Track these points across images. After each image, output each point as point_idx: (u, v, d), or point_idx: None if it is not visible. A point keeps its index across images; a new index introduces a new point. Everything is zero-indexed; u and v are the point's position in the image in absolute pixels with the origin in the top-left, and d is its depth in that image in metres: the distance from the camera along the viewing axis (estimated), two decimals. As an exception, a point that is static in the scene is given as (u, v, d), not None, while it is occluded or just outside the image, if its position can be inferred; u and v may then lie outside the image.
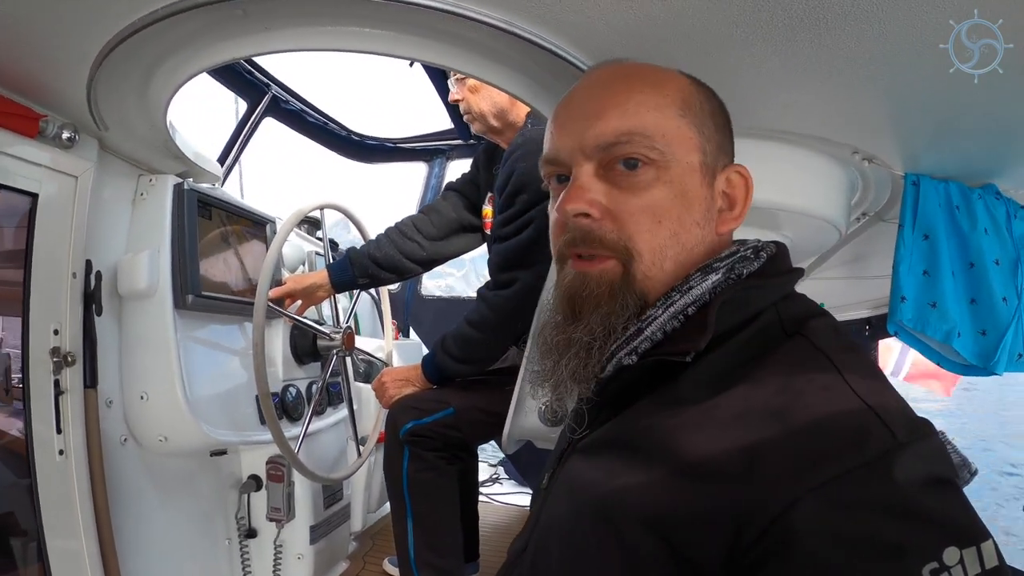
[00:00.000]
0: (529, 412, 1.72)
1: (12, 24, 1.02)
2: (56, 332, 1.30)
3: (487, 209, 1.96)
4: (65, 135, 1.30)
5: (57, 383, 1.29)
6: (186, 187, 1.60)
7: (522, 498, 3.15)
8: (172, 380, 1.50)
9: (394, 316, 2.98)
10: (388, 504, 2.74)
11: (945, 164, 1.51)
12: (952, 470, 0.50)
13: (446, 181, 3.41)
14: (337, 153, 3.12)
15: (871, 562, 0.44)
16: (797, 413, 0.51)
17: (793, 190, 1.40)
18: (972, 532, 0.46)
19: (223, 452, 1.80)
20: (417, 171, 3.46)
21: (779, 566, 0.46)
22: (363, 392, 2.36)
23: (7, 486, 1.28)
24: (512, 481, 3.46)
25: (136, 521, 1.52)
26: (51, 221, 1.29)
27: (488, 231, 1.96)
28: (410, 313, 3.45)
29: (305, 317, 1.96)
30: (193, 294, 1.56)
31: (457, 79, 1.82)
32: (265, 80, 2.46)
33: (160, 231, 1.56)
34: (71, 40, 1.07)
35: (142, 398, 1.51)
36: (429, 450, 1.73)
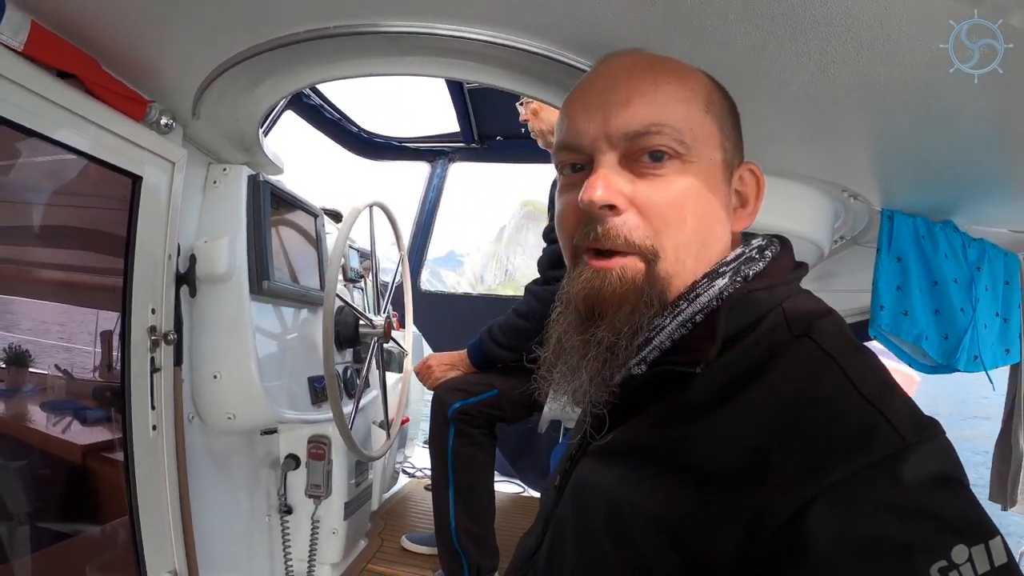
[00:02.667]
0: (563, 395, 1.78)
1: (144, 18, 1.02)
2: (153, 311, 1.28)
3: None
4: (163, 121, 1.27)
5: (152, 360, 1.26)
6: (262, 179, 1.58)
7: (508, 487, 3.20)
8: (247, 361, 1.48)
9: (394, 308, 2.98)
10: (394, 486, 2.79)
11: (914, 202, 1.68)
12: (959, 469, 0.48)
13: (447, 183, 3.43)
14: (347, 149, 3.09)
15: (880, 562, 0.43)
16: (804, 417, 0.50)
17: (789, 216, 1.53)
18: (980, 529, 0.44)
19: (273, 431, 1.78)
20: (411, 172, 3.44)
21: (790, 569, 0.45)
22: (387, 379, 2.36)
23: (102, 461, 1.25)
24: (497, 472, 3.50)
25: (199, 498, 1.49)
26: (152, 204, 1.26)
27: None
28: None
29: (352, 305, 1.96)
30: (268, 280, 1.54)
31: (523, 103, 1.93)
32: (294, 75, 2.42)
33: (236, 219, 1.53)
34: (202, 43, 1.09)
35: (215, 377, 1.49)
36: (474, 427, 1.78)
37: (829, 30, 0.86)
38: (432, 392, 1.91)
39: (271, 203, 1.63)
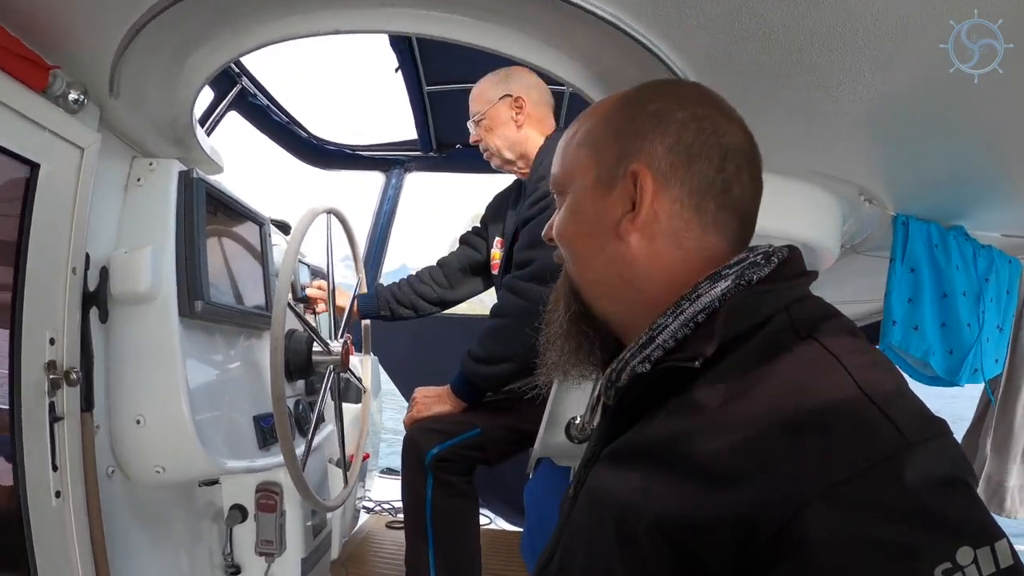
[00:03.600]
0: (558, 429, 1.55)
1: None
2: (52, 342, 0.96)
3: (495, 252, 1.89)
4: (72, 96, 0.98)
5: (52, 406, 0.95)
6: (195, 176, 1.28)
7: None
8: (176, 401, 1.18)
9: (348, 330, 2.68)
10: (352, 528, 2.47)
11: (927, 207, 1.62)
12: (964, 469, 0.47)
13: (402, 193, 3.16)
14: (295, 156, 2.78)
15: (882, 564, 0.41)
16: (806, 416, 0.48)
17: (798, 221, 1.43)
18: (985, 531, 0.43)
19: (215, 481, 1.46)
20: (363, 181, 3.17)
21: (788, 570, 0.43)
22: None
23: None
24: None
25: (125, 563, 1.17)
26: (53, 201, 0.96)
27: (495, 272, 1.89)
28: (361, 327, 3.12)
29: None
30: (203, 300, 1.24)
31: (475, 121, 1.77)
32: (237, 71, 2.12)
33: (163, 224, 1.23)
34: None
35: (137, 422, 1.17)
36: (455, 474, 1.50)
37: (835, 37, 0.86)
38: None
39: (208, 207, 1.33)
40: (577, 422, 1.56)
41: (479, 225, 2.03)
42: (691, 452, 0.52)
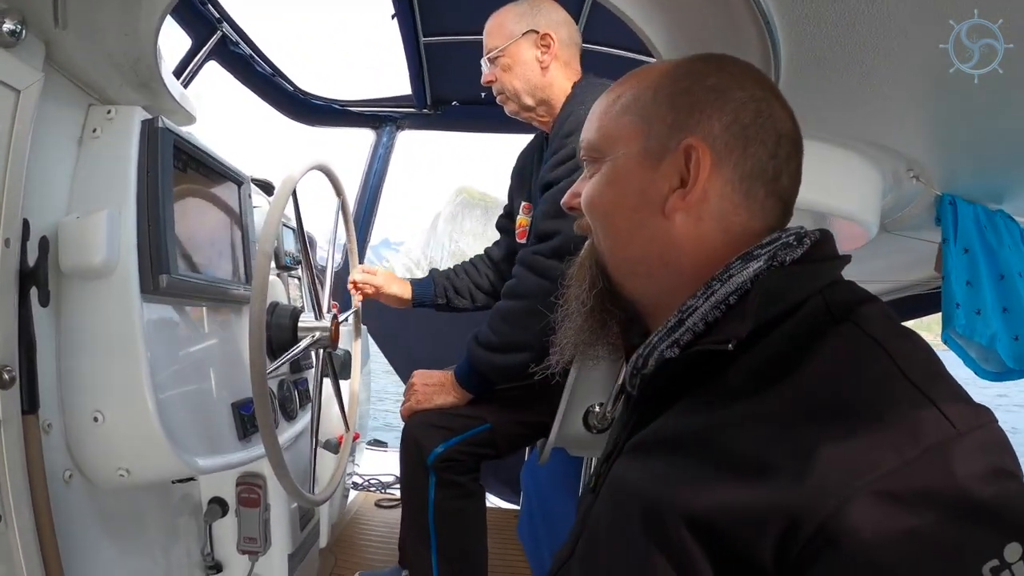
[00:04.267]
0: (575, 418, 1.42)
1: None
2: (-19, 332, 0.78)
3: (521, 219, 1.66)
4: (7, 27, 0.78)
5: (-17, 411, 0.77)
6: (161, 125, 1.07)
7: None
8: (138, 392, 1.00)
9: (335, 298, 2.50)
10: (341, 509, 2.33)
11: (972, 188, 1.56)
12: (1013, 459, 0.45)
13: (394, 152, 2.95)
14: (279, 111, 2.57)
15: (928, 560, 0.40)
16: (849, 404, 0.46)
17: (841, 193, 1.35)
18: None
19: (190, 478, 1.30)
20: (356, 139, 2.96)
21: (832, 564, 0.41)
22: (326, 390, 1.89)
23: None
24: None
25: (86, 572, 1.01)
26: (-24, 157, 0.76)
27: (522, 240, 1.65)
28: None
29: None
30: (168, 274, 1.05)
31: (489, 58, 1.53)
32: (217, 15, 1.89)
33: (123, 184, 1.03)
34: None
35: (95, 420, 0.99)
36: (461, 473, 1.35)
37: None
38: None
39: (177, 163, 1.13)
40: (597, 411, 1.42)
41: (507, 203, 1.81)
42: (727, 441, 0.50)
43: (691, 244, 0.61)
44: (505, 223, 1.79)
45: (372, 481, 2.82)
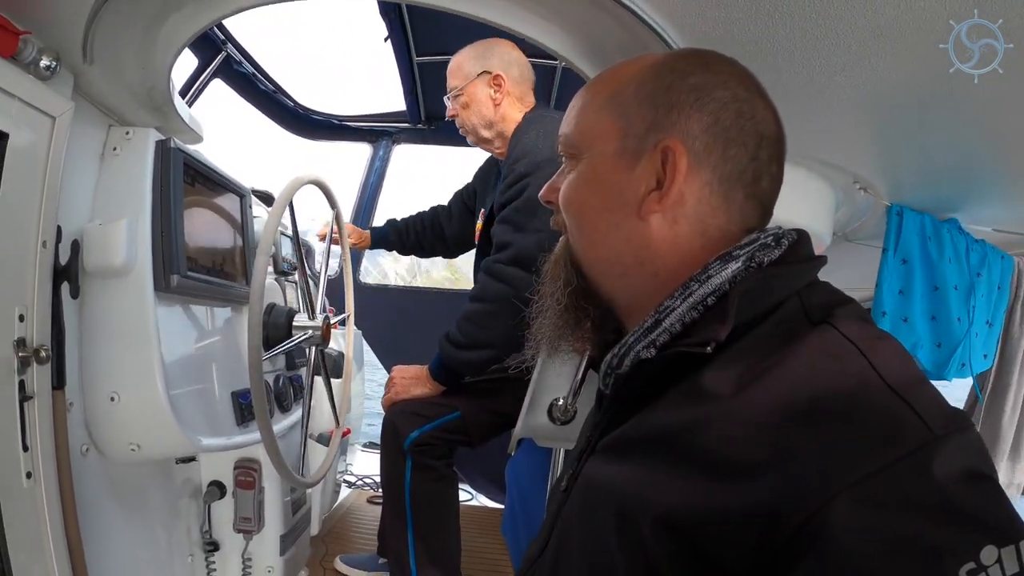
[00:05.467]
0: (540, 410, 1.55)
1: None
2: (22, 318, 0.94)
3: (480, 224, 1.90)
4: (44, 63, 0.94)
5: (22, 385, 0.93)
6: (173, 145, 1.24)
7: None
8: (150, 377, 1.16)
9: (331, 304, 2.65)
10: (336, 501, 2.48)
11: (922, 198, 1.62)
12: (989, 464, 0.46)
13: (390, 166, 3.11)
14: (281, 126, 2.74)
15: (907, 564, 0.40)
16: (827, 406, 0.46)
17: (792, 207, 1.32)
18: (1010, 530, 0.41)
19: (192, 459, 1.45)
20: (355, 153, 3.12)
21: (811, 567, 0.42)
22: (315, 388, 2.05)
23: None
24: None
25: (100, 544, 1.17)
26: (21, 172, 0.93)
27: (477, 242, 1.90)
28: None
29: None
30: (179, 274, 1.21)
31: (452, 96, 1.75)
32: (222, 37, 2.07)
33: (139, 196, 1.19)
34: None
35: (112, 399, 1.16)
36: (435, 458, 1.51)
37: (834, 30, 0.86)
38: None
39: (187, 177, 1.30)
40: (560, 403, 1.56)
41: (470, 188, 2.07)
42: (703, 442, 0.50)
43: (667, 246, 0.61)
44: (463, 203, 2.10)
45: (366, 480, 2.96)
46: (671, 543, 0.48)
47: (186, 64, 2.11)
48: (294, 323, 1.61)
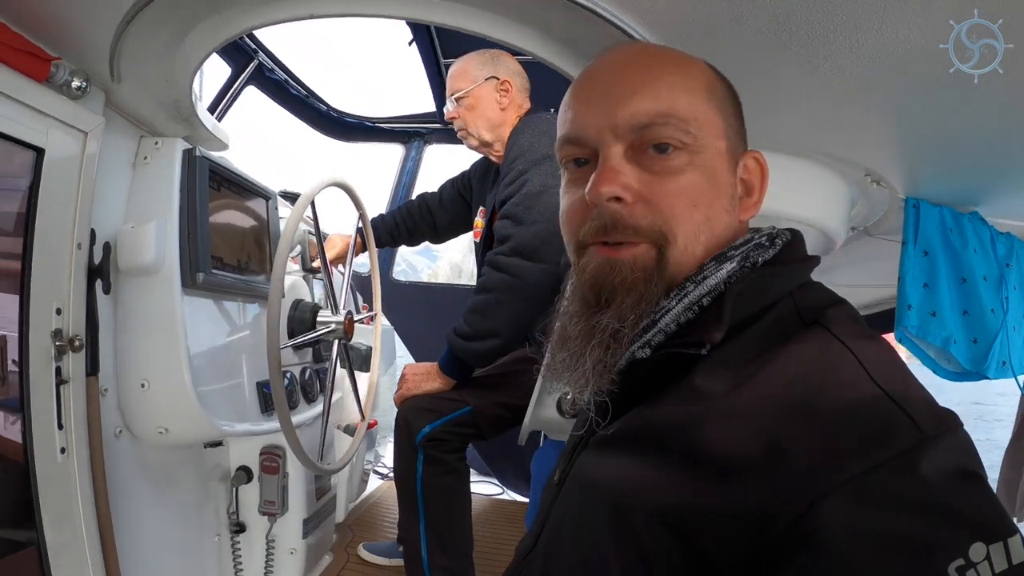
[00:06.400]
0: (548, 403, 1.62)
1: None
2: (59, 312, 1.07)
3: (478, 220, 1.97)
4: (75, 84, 1.06)
5: (59, 371, 1.06)
6: (198, 153, 1.36)
7: (485, 487, 3.03)
8: (178, 366, 1.28)
9: (364, 300, 2.77)
10: (364, 492, 2.60)
11: (940, 191, 1.59)
12: (978, 462, 0.47)
13: (422, 165, 3.22)
14: (315, 129, 2.87)
15: (897, 560, 0.41)
16: (818, 406, 0.47)
17: (803, 201, 1.42)
18: (999, 527, 0.42)
19: (219, 443, 1.58)
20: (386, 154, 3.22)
21: (802, 564, 0.43)
22: (344, 381, 2.16)
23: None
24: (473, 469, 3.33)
25: (130, 520, 1.29)
26: (57, 182, 1.05)
27: (477, 240, 1.96)
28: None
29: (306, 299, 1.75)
30: (204, 272, 1.33)
31: (455, 98, 1.81)
32: (253, 46, 2.20)
33: (167, 201, 1.31)
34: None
35: (143, 386, 1.28)
36: (447, 452, 1.59)
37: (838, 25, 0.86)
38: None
39: (212, 183, 1.41)
40: (569, 397, 1.62)
41: (466, 178, 2.12)
42: (697, 440, 0.51)
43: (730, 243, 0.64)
44: (457, 191, 2.15)
45: (397, 472, 3.07)
46: (665, 538, 0.49)
47: (221, 73, 2.26)
48: (318, 318, 1.72)
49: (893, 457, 0.44)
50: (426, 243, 2.39)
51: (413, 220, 2.18)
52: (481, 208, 1.95)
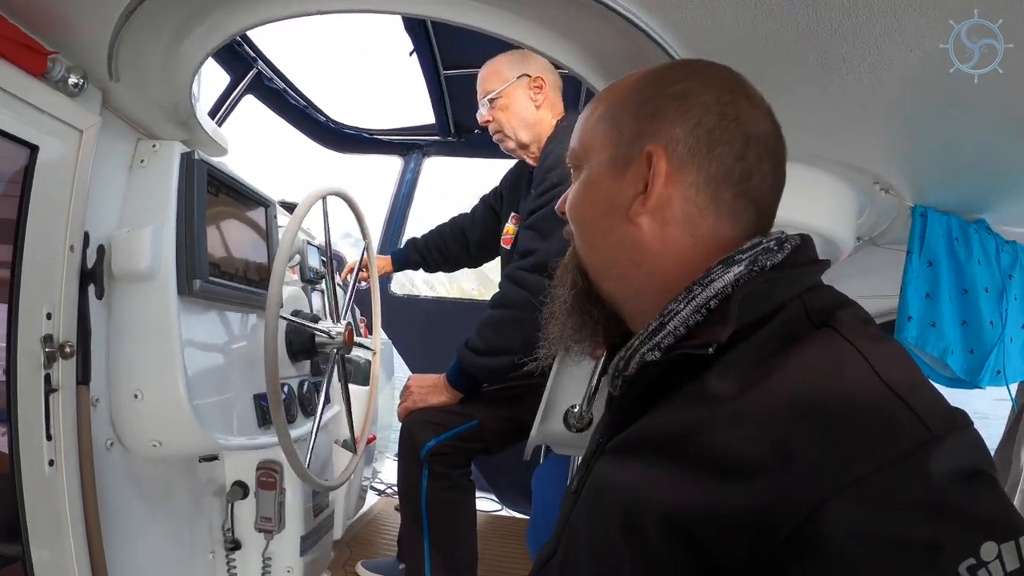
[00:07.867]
0: (555, 418, 1.57)
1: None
2: (49, 316, 1.02)
3: (509, 227, 1.91)
4: (72, 80, 1.03)
5: (48, 378, 1.01)
6: (197, 157, 1.32)
7: (484, 503, 2.97)
8: (172, 377, 1.23)
9: (362, 314, 2.72)
10: (362, 507, 2.53)
11: (947, 198, 1.59)
12: (988, 462, 0.47)
13: (420, 177, 3.19)
14: (313, 140, 2.85)
15: (907, 562, 0.41)
16: (826, 408, 0.47)
17: (813, 210, 1.41)
18: (1010, 526, 0.42)
19: (214, 457, 1.52)
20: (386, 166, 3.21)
21: (810, 566, 0.43)
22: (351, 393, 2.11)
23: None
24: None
25: (120, 536, 1.23)
26: (50, 181, 1.01)
27: (507, 247, 1.90)
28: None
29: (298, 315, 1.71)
30: (200, 279, 1.29)
31: (488, 100, 1.76)
32: (252, 55, 2.17)
33: (164, 205, 1.27)
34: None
35: (136, 397, 1.23)
36: (452, 467, 1.54)
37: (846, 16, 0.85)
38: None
39: (211, 188, 1.38)
40: (575, 410, 1.58)
41: (497, 192, 2.07)
42: (706, 443, 0.51)
43: (659, 246, 0.63)
44: (488, 206, 2.10)
45: (394, 488, 3.01)
46: (675, 542, 0.49)
47: (219, 81, 2.22)
48: (319, 326, 1.68)
49: (900, 456, 0.43)
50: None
51: (444, 241, 2.14)
52: (513, 214, 1.89)
